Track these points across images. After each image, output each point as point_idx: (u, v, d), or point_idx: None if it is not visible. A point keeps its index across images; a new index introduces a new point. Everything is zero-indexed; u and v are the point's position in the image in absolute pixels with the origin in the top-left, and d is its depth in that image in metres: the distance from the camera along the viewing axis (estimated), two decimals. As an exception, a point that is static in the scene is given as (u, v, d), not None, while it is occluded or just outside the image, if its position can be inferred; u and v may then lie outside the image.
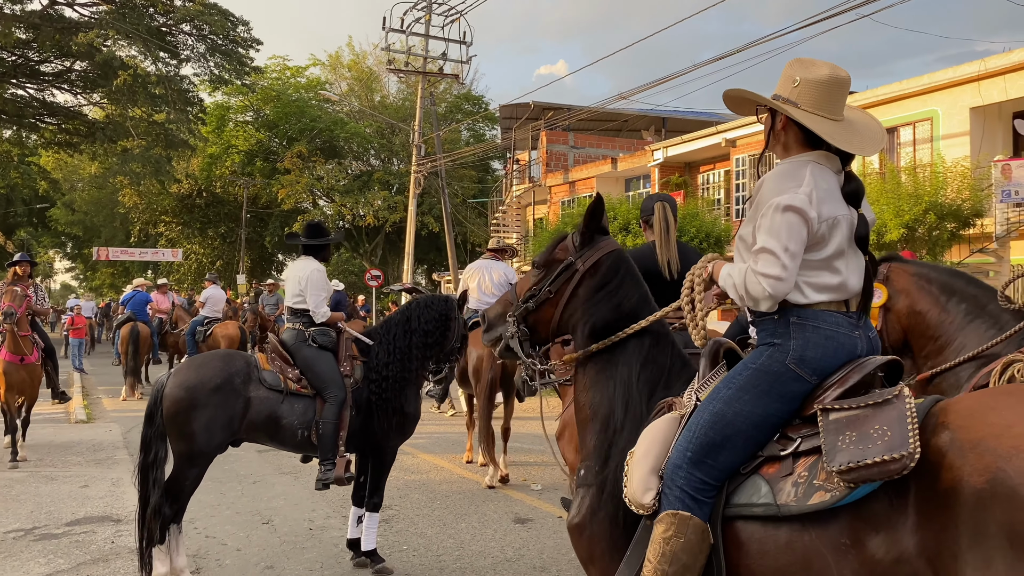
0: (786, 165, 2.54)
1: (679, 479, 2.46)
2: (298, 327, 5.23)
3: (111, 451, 9.63)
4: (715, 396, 2.55)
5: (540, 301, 3.04)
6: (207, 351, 15.14)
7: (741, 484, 2.44)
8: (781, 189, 2.44)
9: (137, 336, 14.41)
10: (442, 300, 5.58)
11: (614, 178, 25.17)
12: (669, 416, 2.65)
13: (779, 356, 2.49)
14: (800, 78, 2.51)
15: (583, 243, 3.00)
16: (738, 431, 2.45)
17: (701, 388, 2.67)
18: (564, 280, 3.00)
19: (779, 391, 2.47)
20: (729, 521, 2.44)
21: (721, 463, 2.45)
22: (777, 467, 2.39)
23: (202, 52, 33.41)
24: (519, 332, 3.07)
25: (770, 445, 2.45)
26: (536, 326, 3.08)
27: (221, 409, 4.73)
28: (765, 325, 2.56)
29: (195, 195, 43.59)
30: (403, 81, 45.54)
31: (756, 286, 2.44)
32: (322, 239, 5.50)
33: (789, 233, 2.40)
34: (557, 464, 8.06)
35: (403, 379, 5.23)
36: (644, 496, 2.50)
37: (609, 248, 2.98)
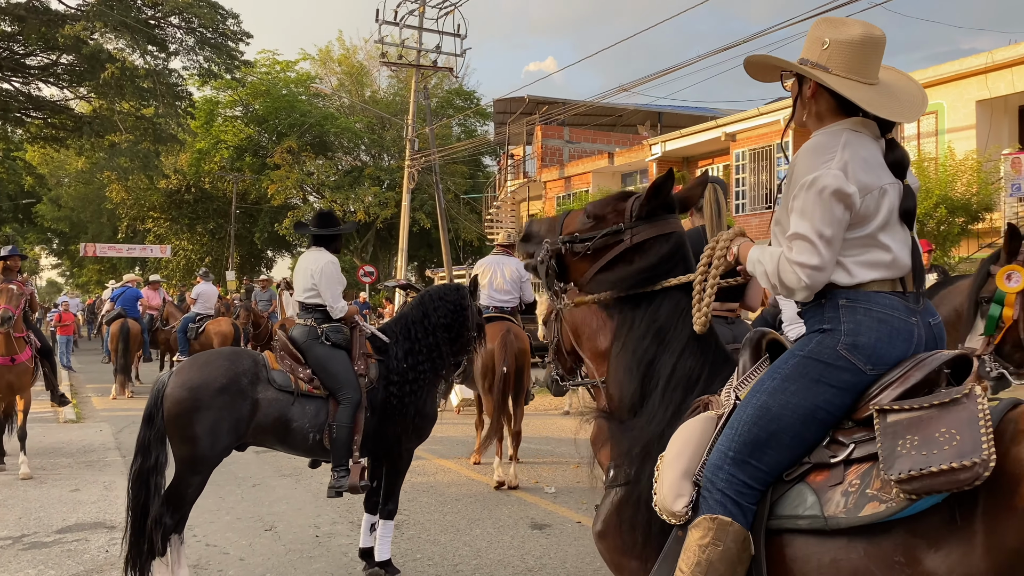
0: (819, 137, 2.28)
1: (719, 481, 2.22)
2: (310, 323, 4.90)
3: (102, 452, 9.26)
4: (759, 389, 2.29)
5: (576, 252, 2.81)
6: (199, 349, 14.83)
7: (786, 493, 2.19)
8: (813, 165, 2.19)
9: (127, 333, 14.01)
10: (454, 289, 5.26)
11: (610, 173, 24.89)
12: (704, 416, 2.40)
13: (829, 342, 2.22)
14: (830, 40, 2.26)
15: (639, 215, 2.71)
16: (785, 426, 2.19)
17: (741, 385, 2.42)
18: (606, 244, 2.74)
19: (830, 380, 2.20)
20: (772, 534, 2.18)
21: (766, 463, 2.20)
22: (826, 475, 2.14)
23: (191, 45, 32.97)
24: (549, 265, 2.87)
25: (818, 451, 2.19)
26: (567, 269, 2.89)
27: (227, 411, 4.39)
28: (812, 311, 2.30)
29: (183, 191, 43.11)
30: (394, 76, 45.23)
31: (790, 275, 2.20)
32: (334, 228, 5.16)
33: (824, 215, 2.15)
34: (582, 468, 7.82)
35: (423, 378, 4.91)
36: (675, 503, 2.27)
37: (668, 229, 2.70)
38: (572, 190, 25.89)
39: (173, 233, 44.56)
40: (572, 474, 7.93)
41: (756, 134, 20.30)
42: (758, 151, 20.36)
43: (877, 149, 2.27)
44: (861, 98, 2.22)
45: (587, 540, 5.76)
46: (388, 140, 43.73)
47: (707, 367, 2.60)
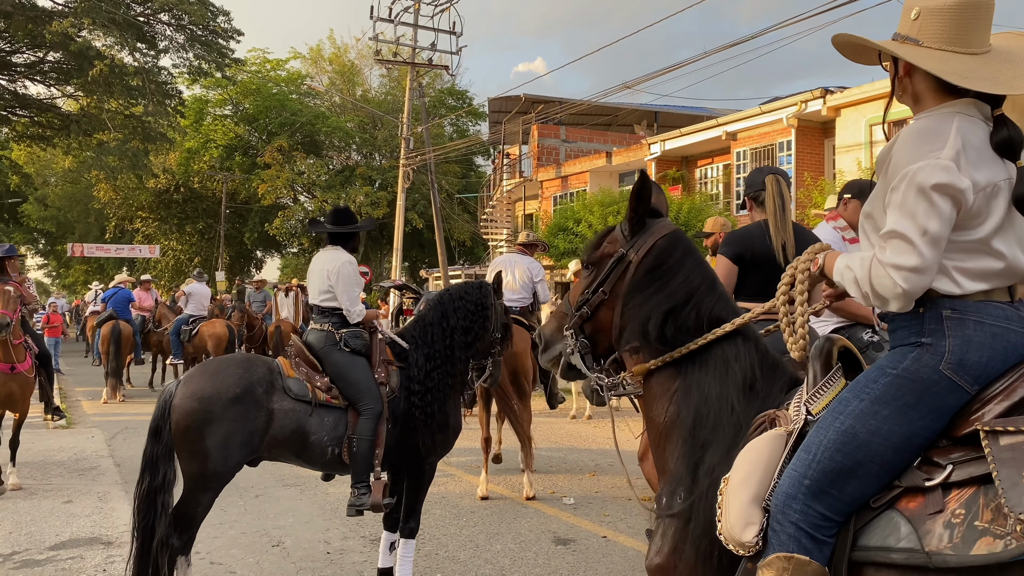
0: (924, 121, 1.99)
1: (793, 513, 1.95)
2: (327, 328, 4.55)
3: (95, 460, 8.88)
4: (841, 410, 1.99)
5: (595, 305, 2.56)
6: (193, 352, 14.44)
7: (873, 521, 1.91)
8: (918, 153, 1.90)
9: (119, 335, 13.61)
10: (476, 287, 4.94)
11: (608, 172, 24.60)
12: (772, 434, 2.12)
13: (930, 360, 1.92)
14: (919, 8, 1.99)
15: (633, 230, 2.51)
16: (873, 455, 1.91)
17: (812, 399, 2.14)
18: (617, 276, 2.52)
19: (930, 405, 1.90)
20: (857, 567, 1.91)
21: (848, 494, 1.92)
22: (920, 501, 1.86)
23: (181, 43, 32.55)
24: (578, 345, 2.61)
25: (910, 473, 1.91)
26: (596, 335, 2.62)
27: (240, 423, 4.05)
28: (906, 322, 2.00)
29: (172, 190, 42.63)
30: (386, 76, 44.97)
31: (884, 280, 1.89)
32: (352, 226, 4.82)
33: (929, 211, 1.86)
34: (599, 477, 7.53)
35: (447, 386, 4.59)
36: (744, 532, 2.00)
37: (664, 230, 2.49)
38: (569, 189, 25.57)
39: (162, 233, 44.07)
40: (589, 483, 7.62)
41: (757, 133, 20.04)
42: (759, 150, 20.10)
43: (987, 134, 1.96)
44: (953, 71, 1.94)
45: (616, 556, 5.45)
46: (380, 140, 43.40)
47: (758, 379, 2.35)
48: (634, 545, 5.63)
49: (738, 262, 3.61)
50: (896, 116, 13.40)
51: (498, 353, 4.96)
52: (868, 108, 17.54)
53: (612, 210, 16.29)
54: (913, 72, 2.06)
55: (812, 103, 18.43)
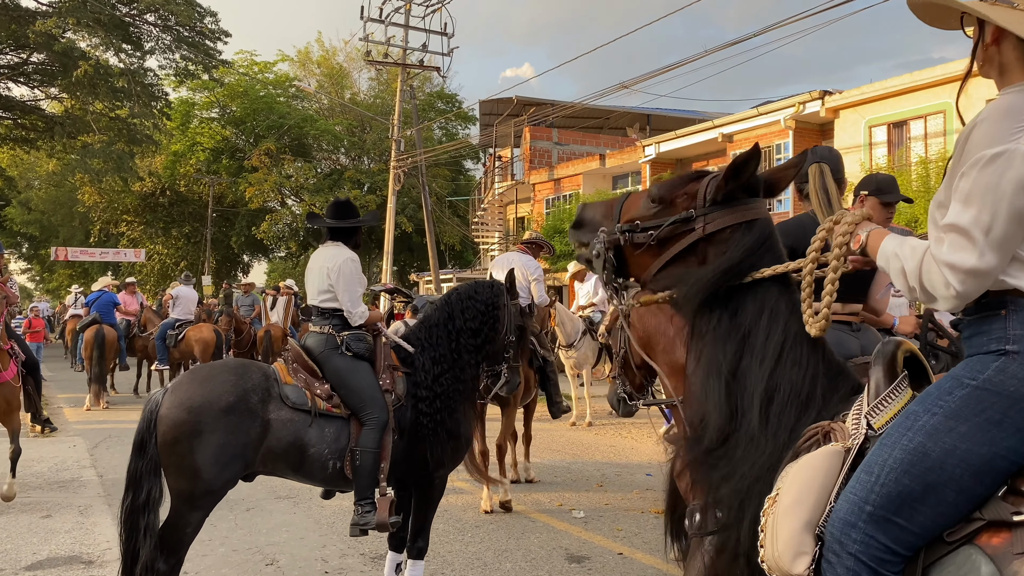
0: (1010, 97, 1.70)
1: (852, 543, 1.69)
2: (328, 331, 4.19)
3: (76, 471, 8.45)
4: (909, 425, 1.69)
5: (637, 243, 2.31)
6: (179, 357, 14.01)
7: (946, 557, 1.63)
8: (1000, 134, 1.61)
9: (103, 340, 13.16)
10: (486, 287, 4.59)
11: (601, 175, 24.31)
12: (828, 450, 1.82)
13: (1018, 371, 1.62)
14: None
15: (715, 198, 2.21)
16: (948, 478, 1.61)
17: (874, 411, 1.84)
18: (672, 235, 2.23)
19: (1018, 423, 1.61)
20: None
21: (917, 524, 1.64)
22: (1006, 538, 1.58)
23: (168, 44, 32.13)
24: (607, 258, 2.37)
25: (994, 503, 1.62)
26: (627, 261, 2.39)
27: (233, 435, 3.69)
28: (987, 325, 1.70)
29: (158, 194, 42.16)
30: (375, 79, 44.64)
31: (936, 278, 1.63)
32: (353, 220, 4.46)
33: (998, 203, 1.58)
34: (606, 488, 7.16)
35: (456, 392, 4.23)
36: (795, 563, 1.74)
37: (750, 216, 2.18)
38: (562, 192, 25.27)
39: (147, 237, 43.56)
40: (597, 495, 7.27)
41: (754, 135, 19.76)
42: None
43: None
44: None
45: (634, 575, 5.10)
46: (368, 143, 43.02)
47: (818, 382, 2.04)
48: (653, 563, 5.28)
49: (790, 256, 3.25)
50: (895, 118, 13.04)
51: (513, 358, 4.60)
52: (867, 109, 17.34)
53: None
54: (1003, 39, 1.77)
55: (810, 104, 18.20)
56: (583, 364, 11.36)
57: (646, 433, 10.70)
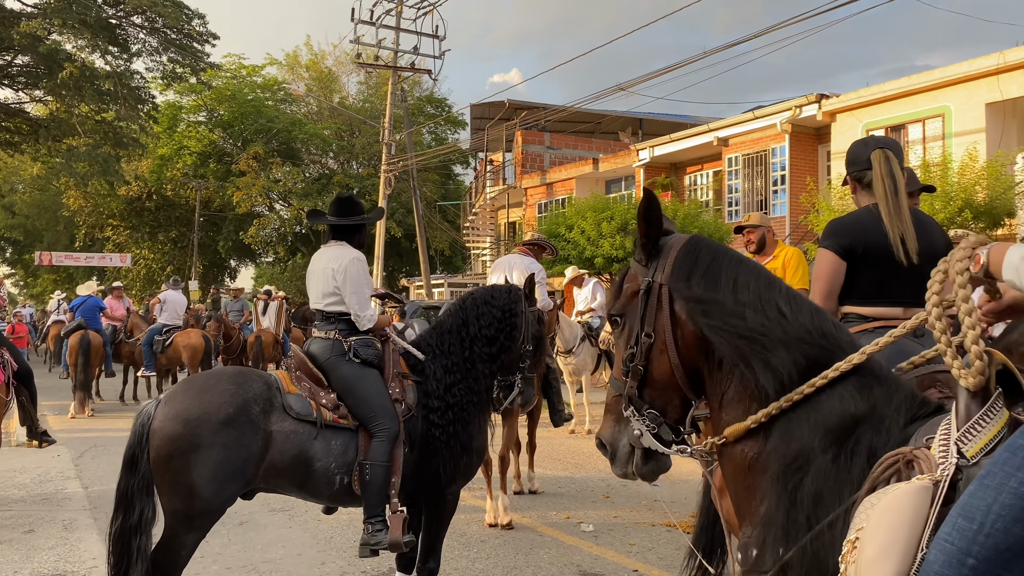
0: None
1: None
2: (334, 336, 3.91)
3: (60, 482, 8.12)
4: (1019, 463, 1.42)
5: (644, 353, 2.08)
6: (166, 363, 13.67)
7: None
8: None
9: (88, 346, 12.80)
10: (503, 292, 4.32)
11: (595, 179, 24.09)
12: (914, 487, 1.55)
13: None
14: None
15: (649, 254, 2.12)
16: None
17: (966, 436, 1.58)
18: (653, 309, 2.08)
19: None
20: None
21: None
22: None
23: (155, 46, 31.73)
24: (647, 420, 2.09)
25: None
26: (661, 396, 2.10)
27: (233, 450, 3.41)
28: None
29: (145, 198, 41.73)
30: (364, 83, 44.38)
31: None
32: (358, 217, 4.18)
33: None
34: (612, 500, 6.92)
35: (470, 403, 3.96)
36: None
37: (680, 241, 2.09)
38: (555, 196, 25.02)
39: (133, 242, 43.09)
40: (605, 507, 7.00)
41: (750, 139, 19.62)
42: (752, 156, 19.67)
43: None
44: None
45: (653, 594, 4.84)
46: (358, 147, 42.74)
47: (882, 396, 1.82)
48: (671, 580, 5.03)
49: (847, 257, 2.91)
50: (893, 121, 12.84)
51: (529, 368, 4.33)
52: (864, 113, 17.19)
53: (605, 215, 15.74)
54: None
55: (807, 108, 18.04)
56: (582, 370, 11.11)
57: (648, 441, 10.44)
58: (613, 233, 15.39)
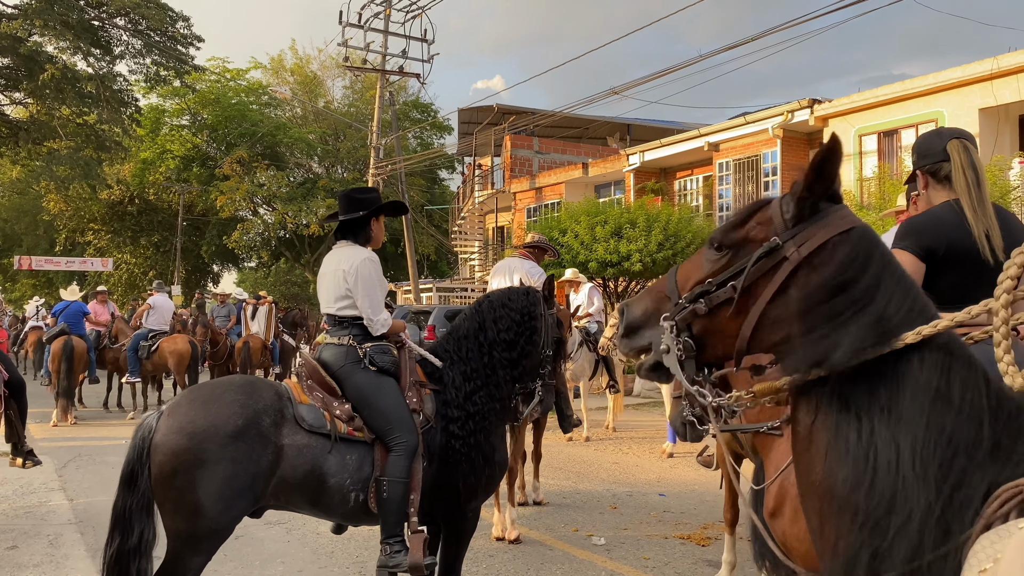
0: None
1: None
2: (348, 342, 3.67)
3: (44, 494, 7.81)
4: None
5: (718, 303, 1.81)
6: (152, 369, 13.34)
7: None
8: None
9: (71, 352, 12.46)
10: (521, 294, 4.08)
11: (584, 184, 23.92)
12: None
13: None
14: None
15: (801, 214, 1.74)
16: None
17: None
18: (760, 273, 1.75)
19: None
20: None
21: None
22: None
23: (138, 48, 31.35)
24: (680, 345, 1.84)
25: None
26: (708, 339, 1.86)
27: (242, 465, 3.17)
28: None
29: (127, 202, 41.24)
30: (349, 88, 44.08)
31: None
32: (365, 209, 3.84)
33: None
34: (620, 510, 6.69)
35: (491, 412, 3.73)
36: None
37: (845, 224, 1.71)
38: (544, 201, 24.83)
39: (115, 246, 42.56)
40: (613, 518, 6.79)
41: (741, 144, 19.52)
42: (743, 161, 19.58)
43: None
44: None
45: (674, 612, 4.63)
46: (343, 151, 42.43)
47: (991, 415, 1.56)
48: (693, 597, 4.82)
49: (927, 259, 2.66)
50: (886, 127, 12.70)
51: (549, 374, 4.10)
52: (857, 118, 17.12)
53: (599, 219, 15.56)
54: None
55: (799, 113, 17.95)
56: (579, 376, 10.90)
57: (647, 449, 10.26)
58: (607, 237, 15.20)
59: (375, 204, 3.84)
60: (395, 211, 4.05)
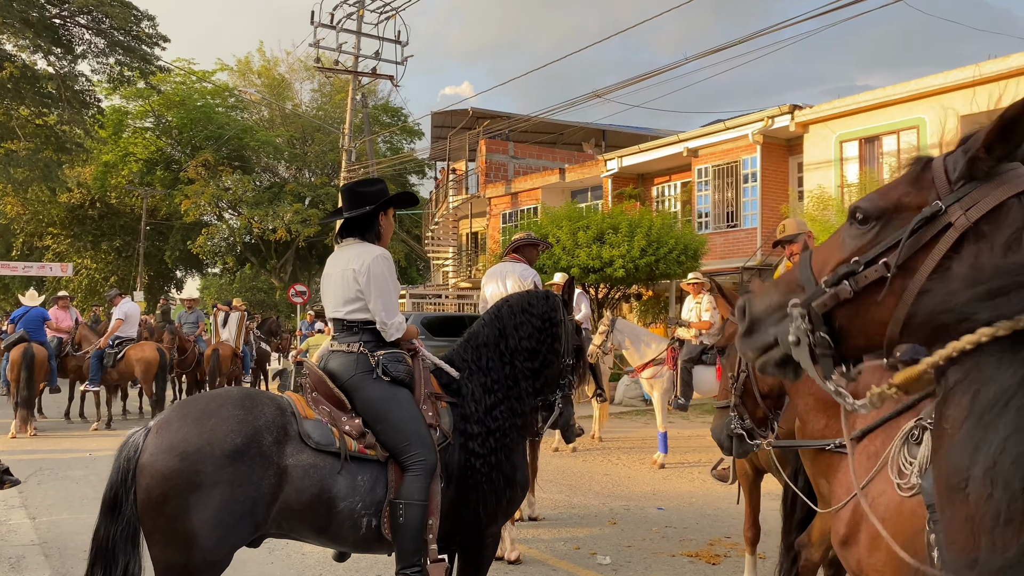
0: None
1: None
2: (358, 349, 3.29)
3: (3, 512, 7.29)
4: None
5: (866, 284, 1.51)
6: (117, 378, 12.78)
7: None
8: None
9: (31, 359, 11.86)
10: (541, 298, 3.74)
11: (561, 189, 23.66)
12: None
13: None
14: None
15: (971, 171, 1.46)
16: None
17: None
18: (920, 244, 1.47)
19: None
20: None
21: None
22: None
23: (101, 48, 30.59)
24: (816, 337, 1.55)
25: None
26: (851, 327, 1.57)
27: (242, 489, 2.79)
28: None
29: (87, 205, 40.25)
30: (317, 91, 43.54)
31: None
32: (372, 203, 3.45)
33: None
34: (620, 525, 6.37)
35: (513, 427, 3.39)
36: None
37: None
38: (520, 207, 24.53)
39: (75, 251, 41.49)
40: (614, 535, 6.46)
41: (720, 150, 19.38)
42: (722, 167, 19.44)
43: None
44: None
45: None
46: (311, 155, 41.86)
47: None
48: (716, 623, 4.50)
49: None
50: (867, 133, 12.55)
51: (569, 386, 3.75)
52: (838, 124, 17.05)
53: (581, 224, 15.28)
54: None
55: (779, 119, 17.85)
56: (566, 385, 10.57)
57: (637, 460, 9.97)
58: (589, 243, 14.93)
59: (382, 197, 3.46)
60: (405, 203, 3.66)
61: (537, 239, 7.45)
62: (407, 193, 3.58)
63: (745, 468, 4.69)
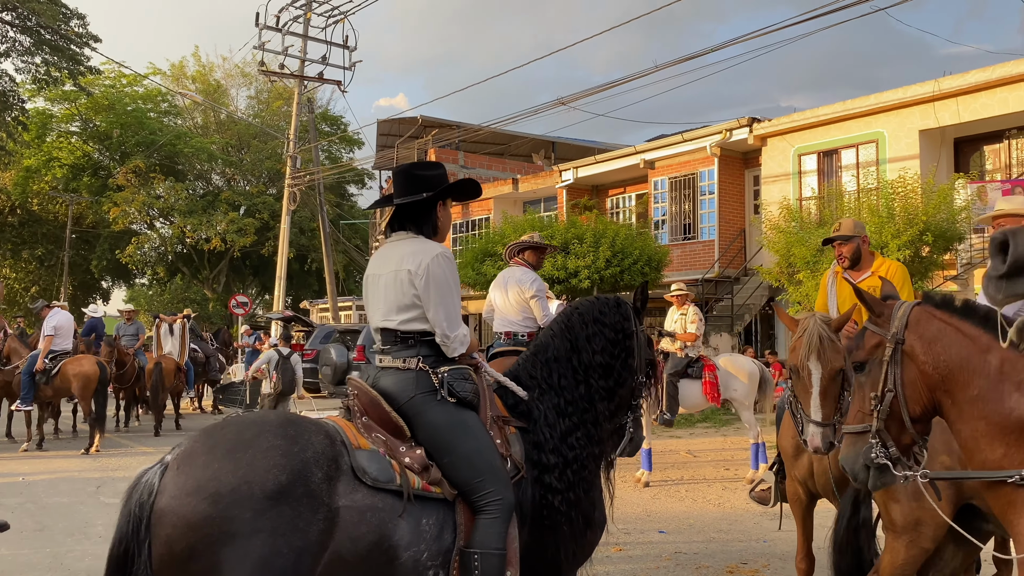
0: None
1: None
2: (416, 366, 2.71)
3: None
4: None
5: None
6: (52, 394, 11.78)
7: None
8: None
9: (-46, 375, 10.85)
10: (612, 306, 3.21)
11: (513, 200, 23.22)
12: None
13: None
14: None
15: None
16: None
17: None
18: None
19: None
20: None
21: None
22: None
23: (27, 46, 29.10)
24: None
25: None
26: None
27: (285, 538, 2.20)
28: None
29: (7, 212, 38.23)
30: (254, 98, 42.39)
31: None
32: (431, 190, 2.86)
33: None
34: (628, 551, 5.88)
35: (591, 457, 2.86)
36: None
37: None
38: (471, 216, 24.01)
39: (-7, 259, 39.40)
40: (622, 561, 5.97)
41: (677, 162, 19.20)
42: (679, 179, 19.25)
43: None
44: None
45: None
46: (247, 163, 40.64)
47: None
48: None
49: None
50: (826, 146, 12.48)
51: (638, 407, 3.22)
52: (796, 137, 17.01)
53: (546, 235, 14.82)
54: None
55: (737, 132, 17.74)
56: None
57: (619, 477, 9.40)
58: (554, 253, 14.49)
59: (443, 183, 2.88)
60: (466, 195, 3.06)
61: (543, 242, 6.97)
62: (471, 181, 2.99)
63: (799, 493, 4.26)
